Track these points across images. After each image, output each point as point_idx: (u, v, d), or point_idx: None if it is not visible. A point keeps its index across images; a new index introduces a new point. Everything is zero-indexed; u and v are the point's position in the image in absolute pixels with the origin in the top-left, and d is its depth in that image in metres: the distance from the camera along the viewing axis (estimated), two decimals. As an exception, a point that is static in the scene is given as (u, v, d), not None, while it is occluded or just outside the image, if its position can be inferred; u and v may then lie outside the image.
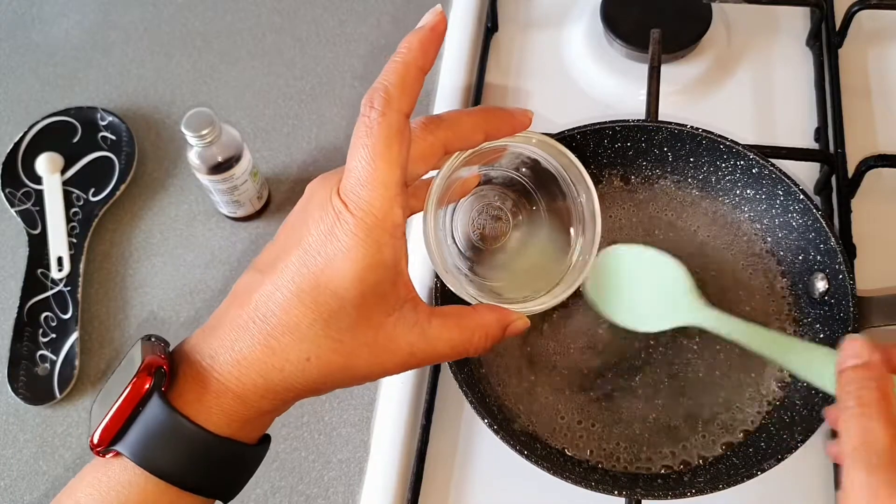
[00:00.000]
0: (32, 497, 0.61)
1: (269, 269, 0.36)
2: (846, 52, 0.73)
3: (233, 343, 0.36)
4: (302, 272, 0.35)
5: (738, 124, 0.70)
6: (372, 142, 0.35)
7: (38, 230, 0.70)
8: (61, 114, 0.75)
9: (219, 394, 0.36)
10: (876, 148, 0.68)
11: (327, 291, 0.35)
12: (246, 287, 0.37)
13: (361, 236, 0.35)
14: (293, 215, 0.39)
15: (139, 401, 0.35)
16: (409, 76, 0.36)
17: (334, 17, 0.81)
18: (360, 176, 0.35)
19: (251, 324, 0.36)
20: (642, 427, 0.55)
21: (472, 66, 0.74)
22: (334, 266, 0.35)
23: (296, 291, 0.35)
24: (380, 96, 0.35)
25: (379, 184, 0.35)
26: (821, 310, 0.56)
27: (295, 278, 0.35)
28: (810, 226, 0.57)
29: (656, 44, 0.66)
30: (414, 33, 0.37)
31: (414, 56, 0.36)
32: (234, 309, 0.37)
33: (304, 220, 0.37)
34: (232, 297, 0.38)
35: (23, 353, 0.65)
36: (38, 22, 0.84)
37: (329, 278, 0.35)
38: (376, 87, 0.36)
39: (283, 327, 0.35)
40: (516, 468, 0.51)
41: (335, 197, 0.36)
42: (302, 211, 0.38)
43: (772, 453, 0.49)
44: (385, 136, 0.35)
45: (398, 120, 0.35)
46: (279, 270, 0.36)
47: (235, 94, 0.77)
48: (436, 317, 0.39)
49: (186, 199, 0.72)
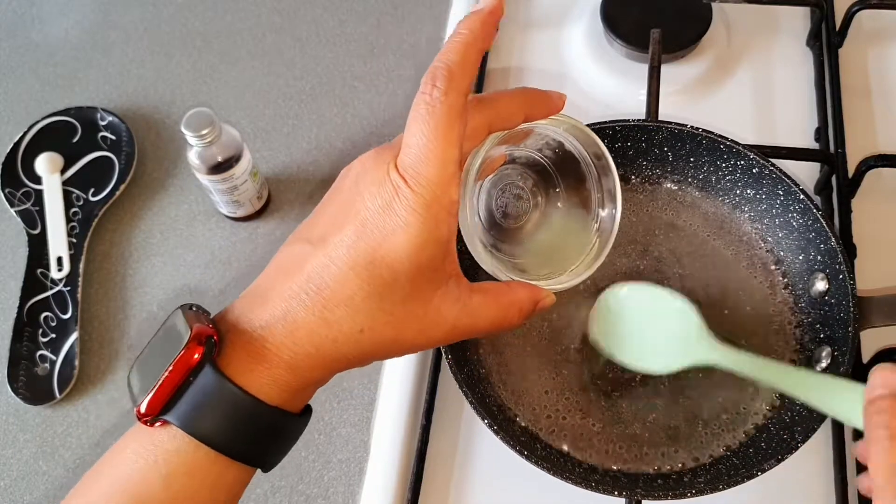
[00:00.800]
0: (32, 497, 0.61)
1: (321, 242, 0.36)
2: (846, 52, 0.73)
3: (286, 314, 0.36)
4: (359, 245, 0.36)
5: (738, 124, 0.70)
6: (434, 120, 0.35)
7: (37, 230, 0.70)
8: (61, 114, 0.75)
9: (271, 364, 0.36)
10: (876, 148, 0.68)
11: (383, 265, 0.36)
12: (294, 258, 0.37)
13: (420, 212, 0.35)
14: (342, 190, 0.38)
15: (191, 370, 0.35)
16: (470, 56, 0.36)
17: (334, 17, 0.81)
18: (420, 153, 0.35)
19: (304, 295, 0.36)
20: (642, 427, 0.55)
21: (472, 65, 0.74)
22: (392, 240, 0.35)
23: (351, 264, 0.36)
24: (443, 75, 0.35)
25: (440, 161, 0.35)
26: (821, 310, 0.56)
27: (351, 251, 0.36)
28: (810, 226, 0.57)
29: (656, 44, 0.66)
30: (475, 14, 0.37)
31: (475, 37, 0.37)
32: (284, 280, 0.37)
33: (356, 194, 0.36)
34: (277, 267, 0.38)
35: (22, 353, 0.65)
36: (37, 22, 0.84)
37: (386, 252, 0.35)
38: (438, 67, 0.36)
39: (337, 299, 0.36)
40: (516, 468, 0.51)
41: (393, 171, 0.36)
42: (353, 185, 0.37)
43: (772, 454, 0.49)
44: (447, 114, 0.35)
45: (459, 100, 0.36)
46: (333, 243, 0.36)
47: (235, 94, 0.77)
48: (476, 292, 0.39)
49: (186, 199, 0.72)
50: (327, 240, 0.36)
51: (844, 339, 0.52)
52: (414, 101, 0.36)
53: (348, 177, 0.38)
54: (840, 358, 0.53)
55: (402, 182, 0.35)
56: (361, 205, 0.36)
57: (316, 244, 0.36)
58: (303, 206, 0.70)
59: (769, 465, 0.49)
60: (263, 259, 0.68)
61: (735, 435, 0.54)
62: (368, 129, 0.74)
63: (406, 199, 0.35)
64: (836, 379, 0.44)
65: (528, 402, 0.56)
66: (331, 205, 0.38)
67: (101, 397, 0.64)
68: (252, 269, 0.68)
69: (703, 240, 0.61)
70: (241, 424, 0.35)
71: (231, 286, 0.67)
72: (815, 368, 0.55)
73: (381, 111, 0.75)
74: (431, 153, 0.35)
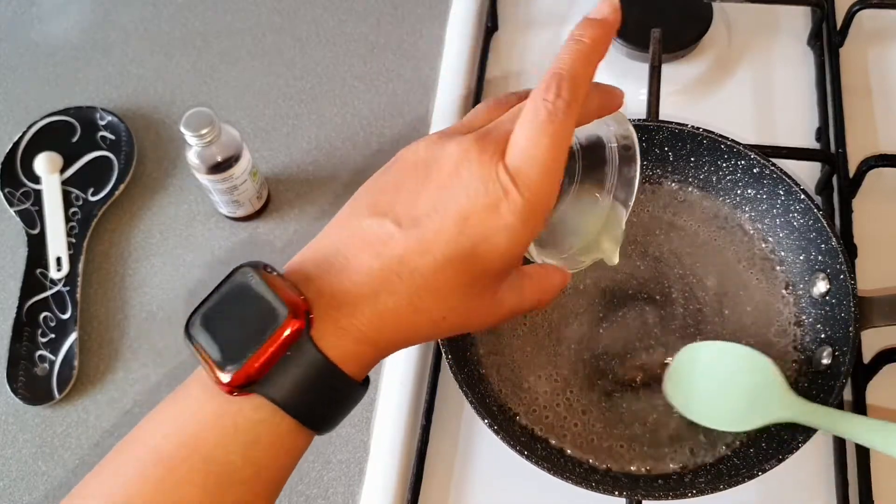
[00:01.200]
0: (32, 497, 0.61)
1: (412, 225, 0.36)
2: (847, 52, 0.73)
3: (376, 296, 0.36)
4: (459, 240, 0.36)
5: (738, 124, 0.70)
6: (553, 129, 0.35)
7: (37, 230, 0.70)
8: (60, 113, 0.75)
9: (359, 342, 0.36)
10: (877, 147, 0.68)
11: (478, 262, 0.36)
12: (379, 234, 0.36)
13: (525, 218, 0.35)
14: (426, 167, 0.37)
15: (289, 346, 0.34)
16: (591, 67, 0.37)
17: (334, 16, 0.81)
18: (534, 160, 0.35)
19: (395, 278, 0.36)
20: (643, 427, 0.55)
21: (473, 65, 0.74)
22: (493, 241, 0.36)
23: (449, 257, 0.36)
24: (568, 86, 0.36)
25: (552, 170, 0.36)
26: (822, 310, 0.56)
27: (451, 245, 0.36)
28: (811, 226, 0.57)
29: (657, 43, 0.66)
30: (597, 23, 0.38)
31: (597, 47, 0.37)
32: (367, 256, 0.36)
33: (457, 183, 0.36)
34: (353, 235, 0.37)
35: (22, 354, 0.65)
36: (37, 21, 0.84)
37: (485, 251, 0.36)
38: (563, 75, 0.36)
39: (428, 288, 0.36)
40: (516, 468, 0.51)
41: (503, 172, 0.35)
42: (454, 170, 0.36)
43: (773, 454, 0.49)
44: (566, 125, 0.35)
45: (578, 111, 0.36)
46: (431, 231, 0.36)
47: (235, 94, 0.77)
48: (525, 277, 0.40)
49: (186, 199, 0.72)
50: (421, 225, 0.36)
51: (845, 339, 0.52)
52: (530, 101, 0.36)
53: (440, 157, 0.37)
54: (841, 358, 0.52)
55: (512, 185, 0.35)
56: (464, 197, 0.36)
57: (405, 226, 0.36)
58: (302, 207, 0.70)
59: (770, 465, 0.48)
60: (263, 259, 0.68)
61: (736, 435, 0.54)
62: (368, 129, 0.74)
63: (514, 203, 0.35)
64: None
65: (528, 402, 0.56)
66: (412, 180, 0.37)
67: (101, 397, 0.64)
68: (252, 269, 0.68)
69: (703, 240, 0.61)
70: (326, 397, 0.36)
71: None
72: (815, 368, 0.55)
73: (381, 111, 0.75)
74: (545, 162, 0.35)
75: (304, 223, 0.70)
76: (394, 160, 0.39)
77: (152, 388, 0.64)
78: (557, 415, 0.56)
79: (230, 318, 0.35)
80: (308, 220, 0.70)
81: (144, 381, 0.64)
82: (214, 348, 0.35)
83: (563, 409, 0.56)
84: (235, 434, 0.34)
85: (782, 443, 0.51)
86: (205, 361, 0.35)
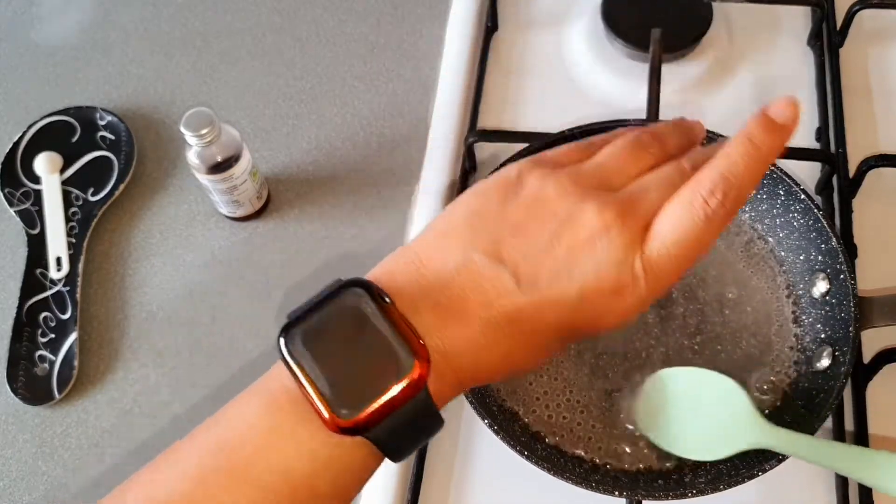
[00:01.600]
0: (31, 497, 0.61)
1: (532, 287, 0.34)
2: (847, 52, 0.73)
3: (479, 351, 0.34)
4: (573, 315, 0.35)
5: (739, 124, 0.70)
6: (705, 231, 0.34)
7: (36, 230, 0.70)
8: (60, 113, 0.75)
9: (453, 387, 0.35)
10: (877, 147, 0.68)
11: (581, 332, 0.36)
12: (493, 285, 0.34)
13: (643, 303, 0.35)
14: (560, 221, 0.35)
15: (413, 397, 0.32)
16: (760, 177, 0.36)
17: (334, 16, 0.81)
18: (675, 258, 0.34)
19: (500, 335, 0.34)
20: (643, 427, 0.55)
21: (473, 65, 0.74)
22: (604, 319, 0.35)
23: (558, 326, 0.35)
24: (735, 196, 0.35)
25: (684, 269, 0.35)
26: (822, 310, 0.56)
27: (563, 315, 0.35)
28: (811, 226, 0.57)
29: (657, 43, 0.66)
30: (778, 133, 0.36)
31: (772, 159, 0.36)
32: (477, 304, 0.34)
33: (588, 257, 0.34)
34: (464, 272, 0.35)
35: (21, 354, 0.65)
36: (37, 21, 0.84)
37: (592, 329, 0.36)
38: (733, 183, 0.35)
39: (527, 346, 0.35)
40: (517, 468, 0.51)
41: (639, 264, 0.34)
42: (588, 242, 0.34)
43: (773, 454, 0.49)
44: (719, 229, 0.35)
45: (734, 216, 0.35)
46: (549, 301, 0.34)
47: (235, 94, 0.77)
48: None
49: (186, 198, 0.72)
50: (540, 288, 0.34)
51: (845, 339, 0.52)
52: (689, 192, 0.35)
53: (575, 216, 0.35)
54: (841, 358, 0.52)
55: (644, 279, 0.34)
56: (592, 274, 0.34)
57: (523, 285, 0.34)
58: (303, 206, 0.70)
59: (770, 465, 0.48)
60: (263, 259, 0.69)
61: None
62: (368, 129, 0.74)
63: (638, 293, 0.35)
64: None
65: (528, 402, 0.56)
66: (537, 226, 0.35)
67: (101, 397, 0.64)
68: (251, 269, 0.68)
69: (703, 240, 0.61)
70: (419, 435, 0.35)
71: (231, 286, 0.67)
72: (815, 368, 0.55)
73: (381, 111, 0.75)
74: (683, 263, 0.35)
75: (304, 223, 0.70)
76: (516, 179, 0.37)
77: (152, 388, 0.64)
78: (558, 414, 0.56)
79: (342, 348, 0.33)
80: (308, 219, 0.70)
81: (144, 381, 0.64)
82: (324, 382, 0.32)
83: (563, 409, 0.56)
84: (328, 465, 0.33)
85: (782, 443, 0.51)
86: (312, 391, 0.32)
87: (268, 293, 0.67)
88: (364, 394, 0.32)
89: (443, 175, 0.68)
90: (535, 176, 0.36)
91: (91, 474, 0.61)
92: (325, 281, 0.35)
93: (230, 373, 0.64)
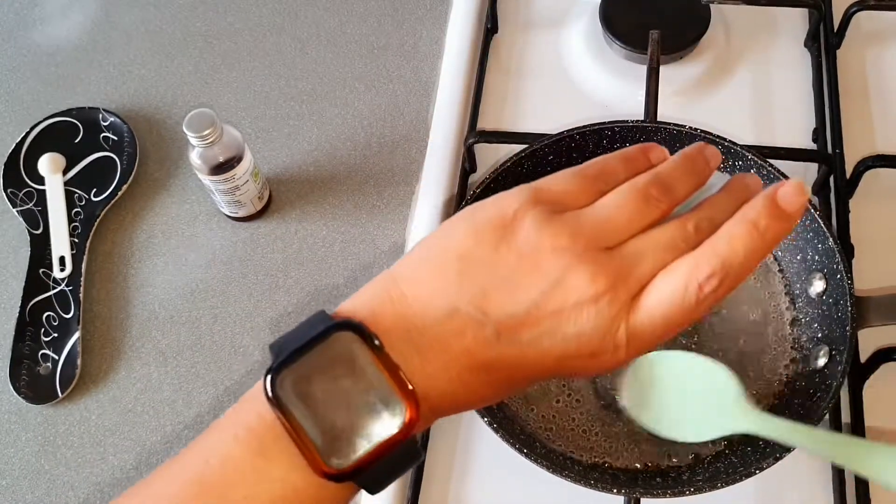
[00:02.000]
0: (34, 496, 0.61)
1: (512, 342, 0.34)
2: (844, 53, 0.73)
3: (455, 389, 0.34)
4: (549, 371, 0.35)
5: (736, 125, 0.70)
6: (692, 316, 0.34)
7: (40, 230, 0.70)
8: (63, 114, 0.76)
9: (427, 421, 0.36)
10: (874, 148, 0.68)
11: (552, 378, 0.38)
12: (475, 334, 0.34)
13: (617, 367, 0.36)
14: (551, 281, 0.34)
15: (400, 444, 0.32)
16: (757, 264, 0.35)
17: (335, 17, 0.82)
18: (657, 331, 0.34)
19: (476, 381, 0.34)
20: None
21: (472, 66, 0.75)
22: (577, 375, 0.37)
23: (532, 378, 0.36)
24: (729, 284, 0.34)
25: (663, 340, 0.35)
26: (819, 309, 0.57)
27: (538, 370, 0.35)
28: (808, 226, 0.57)
29: (655, 45, 0.66)
30: (785, 220, 0.35)
31: (775, 245, 0.35)
32: (458, 352, 0.34)
33: (572, 322, 0.34)
34: (446, 318, 0.34)
35: (25, 353, 0.65)
36: (39, 22, 0.84)
37: (566, 377, 0.38)
38: (730, 271, 0.34)
39: (500, 388, 0.36)
40: (516, 467, 0.51)
41: (622, 332, 0.34)
42: (576, 309, 0.34)
43: (770, 452, 0.50)
44: (706, 313, 0.35)
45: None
46: (529, 359, 0.34)
47: (237, 95, 0.78)
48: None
49: (188, 199, 0.72)
50: (520, 345, 0.34)
51: (842, 338, 0.53)
52: (682, 274, 0.34)
53: (566, 279, 0.34)
54: (837, 357, 0.53)
55: (625, 347, 0.34)
56: (574, 340, 0.34)
57: (503, 339, 0.34)
58: (304, 207, 0.71)
59: (768, 463, 0.49)
60: (264, 259, 0.69)
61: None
62: (369, 130, 0.74)
63: (618, 358, 0.35)
64: (880, 446, 0.42)
65: (527, 401, 0.56)
66: (525, 281, 0.34)
67: (103, 397, 0.64)
68: (253, 269, 0.68)
69: (701, 240, 0.61)
70: (401, 472, 0.34)
71: (232, 286, 0.68)
72: (812, 367, 0.55)
73: (382, 112, 0.75)
74: (664, 336, 0.34)
75: (305, 223, 0.70)
76: (511, 219, 0.35)
77: (154, 387, 0.64)
78: (557, 413, 0.56)
79: (333, 396, 0.32)
80: (309, 219, 0.70)
81: (147, 381, 0.64)
82: (316, 432, 0.32)
83: (562, 407, 0.56)
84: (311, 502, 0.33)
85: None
86: (302, 441, 0.32)
87: (269, 293, 0.67)
88: (355, 444, 0.32)
89: (443, 175, 0.69)
90: (532, 221, 0.35)
91: (93, 473, 0.61)
92: (325, 280, 0.35)
93: (232, 372, 0.64)
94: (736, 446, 0.54)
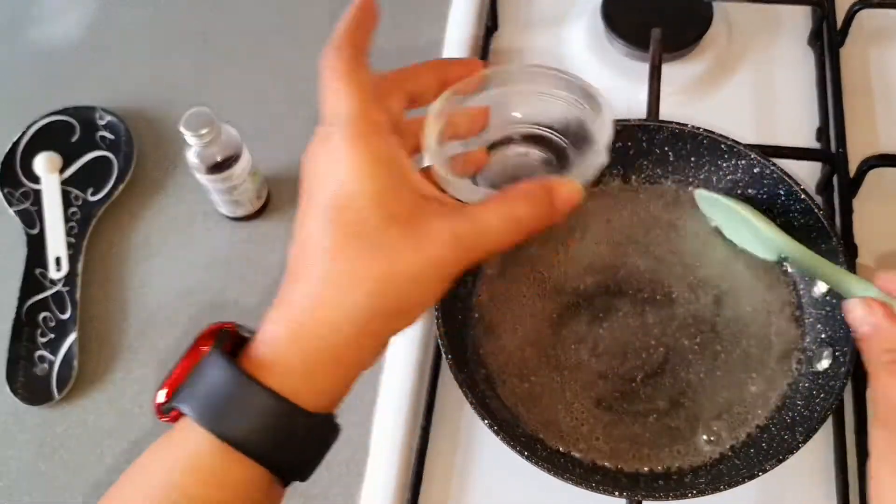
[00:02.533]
0: (31, 498, 0.60)
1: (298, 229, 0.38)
2: (847, 52, 0.73)
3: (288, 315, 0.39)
4: (319, 199, 0.37)
5: (739, 124, 0.70)
6: (329, 68, 0.40)
7: (36, 230, 0.69)
8: (60, 113, 0.75)
9: (276, 350, 0.37)
10: (877, 147, 0.68)
11: (346, 208, 0.35)
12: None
13: (351, 141, 0.37)
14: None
15: (200, 360, 0.36)
16: (357, 26, 0.43)
17: (334, 17, 0.81)
18: (329, 100, 0.39)
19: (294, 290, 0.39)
20: (643, 427, 0.55)
21: (473, 65, 0.74)
22: (343, 181, 0.36)
23: (321, 218, 0.37)
24: (333, 42, 0.41)
25: (346, 96, 0.38)
26: (822, 310, 0.56)
27: (317, 208, 0.37)
28: (812, 226, 0.57)
29: (657, 43, 0.66)
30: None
31: (362, 18, 0.44)
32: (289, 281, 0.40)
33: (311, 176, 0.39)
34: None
35: (21, 354, 0.64)
36: (36, 21, 0.84)
37: (344, 195, 0.36)
38: (331, 38, 0.41)
39: (327, 273, 0.37)
40: (517, 469, 0.51)
41: (319, 128, 0.38)
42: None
43: (773, 454, 0.49)
44: (339, 59, 0.41)
45: (347, 50, 0.41)
46: (306, 221, 0.37)
47: (234, 94, 0.77)
48: (473, 203, 0.38)
49: (185, 198, 0.72)
50: (304, 224, 0.37)
51: (846, 339, 0.52)
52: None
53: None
54: (841, 358, 0.52)
55: (327, 128, 0.38)
56: (312, 171, 0.38)
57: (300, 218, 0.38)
58: (302, 206, 0.70)
59: (770, 465, 0.48)
60: (263, 259, 0.68)
61: (736, 435, 0.54)
62: (368, 129, 0.74)
63: (336, 137, 0.37)
64: (859, 280, 0.51)
65: (528, 403, 0.56)
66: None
67: (100, 397, 0.64)
68: (252, 268, 0.68)
69: (703, 240, 0.61)
70: (264, 423, 0.35)
71: (230, 286, 0.67)
72: (815, 368, 0.55)
73: (381, 111, 0.75)
74: (336, 94, 0.38)
75: (303, 223, 0.70)
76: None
77: (151, 388, 0.64)
78: (557, 415, 0.56)
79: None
80: (308, 219, 0.70)
81: (144, 381, 0.64)
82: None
83: (563, 409, 0.56)
84: (177, 463, 0.37)
85: (782, 443, 0.51)
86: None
87: (267, 293, 0.67)
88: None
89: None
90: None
91: (91, 474, 0.61)
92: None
93: (230, 373, 0.64)
94: (739, 448, 0.54)
